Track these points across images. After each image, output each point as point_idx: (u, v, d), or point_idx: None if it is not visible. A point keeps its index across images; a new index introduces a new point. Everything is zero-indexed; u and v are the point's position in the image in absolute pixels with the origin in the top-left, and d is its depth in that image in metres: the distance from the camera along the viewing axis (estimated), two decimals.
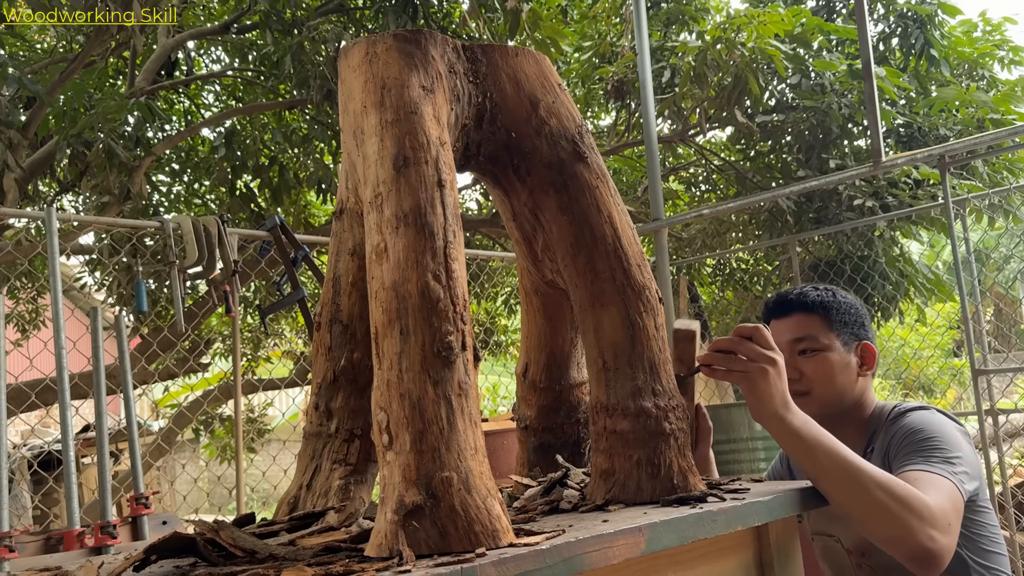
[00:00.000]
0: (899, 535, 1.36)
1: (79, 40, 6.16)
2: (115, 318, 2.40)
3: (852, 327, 1.85)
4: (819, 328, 1.83)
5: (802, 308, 1.85)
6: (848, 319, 1.84)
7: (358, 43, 1.22)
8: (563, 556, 0.93)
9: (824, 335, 1.82)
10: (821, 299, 1.85)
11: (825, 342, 1.82)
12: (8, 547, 1.86)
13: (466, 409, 1.01)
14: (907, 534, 1.35)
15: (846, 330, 1.84)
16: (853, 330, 1.85)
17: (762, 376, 1.41)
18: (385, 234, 1.06)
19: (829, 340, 1.82)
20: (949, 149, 3.68)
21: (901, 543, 1.36)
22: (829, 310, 1.84)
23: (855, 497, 1.36)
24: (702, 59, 5.57)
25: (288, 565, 0.91)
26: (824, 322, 1.83)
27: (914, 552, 1.36)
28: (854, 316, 1.85)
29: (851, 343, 1.84)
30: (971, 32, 6.88)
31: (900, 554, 1.38)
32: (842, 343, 1.83)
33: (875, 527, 1.37)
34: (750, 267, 7.46)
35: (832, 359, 1.81)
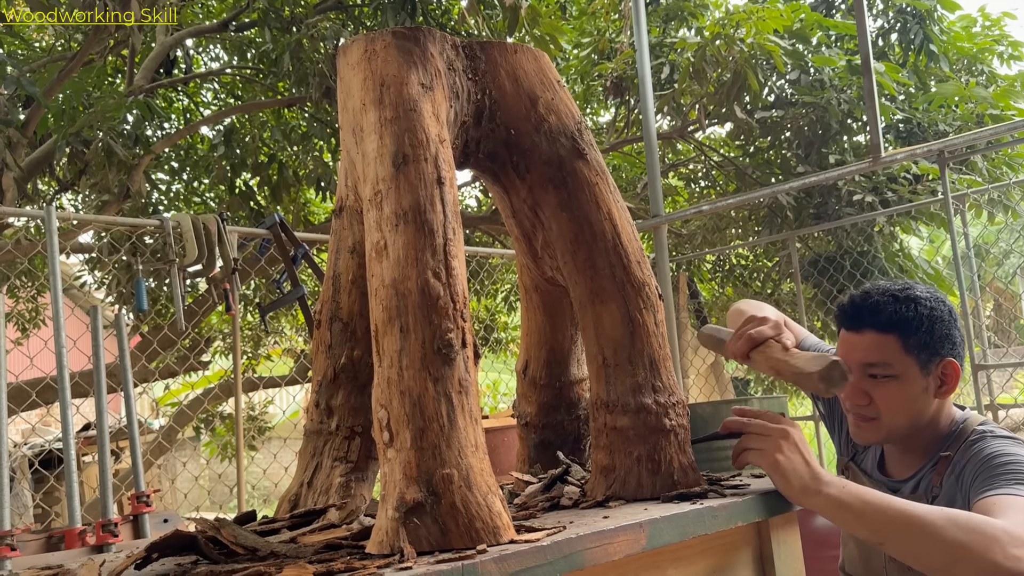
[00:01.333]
0: (984, 568, 1.22)
1: (77, 39, 6.16)
2: (115, 316, 2.40)
3: (934, 345, 1.59)
4: (894, 352, 1.58)
5: (876, 326, 1.60)
6: (930, 338, 1.59)
7: (357, 40, 1.22)
8: (564, 552, 0.93)
9: (899, 360, 1.58)
10: (900, 316, 1.59)
11: (900, 369, 1.58)
12: (10, 545, 1.86)
13: (466, 406, 1.01)
14: (992, 565, 1.22)
15: (926, 351, 1.59)
16: (935, 348, 1.59)
17: (779, 451, 1.29)
18: (385, 232, 1.06)
19: (904, 366, 1.58)
20: (948, 145, 3.68)
21: (961, 564, 1.23)
22: (908, 330, 1.58)
23: (927, 548, 1.24)
24: (701, 55, 5.56)
25: (289, 562, 0.91)
26: (901, 344, 1.58)
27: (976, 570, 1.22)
28: (938, 331, 1.59)
29: (931, 363, 1.60)
30: (970, 27, 6.87)
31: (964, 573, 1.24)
32: (920, 366, 1.59)
33: (960, 570, 1.23)
34: (750, 263, 7.46)
35: (906, 387, 1.59)
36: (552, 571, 0.91)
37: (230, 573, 0.89)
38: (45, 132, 5.10)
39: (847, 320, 1.65)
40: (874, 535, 1.26)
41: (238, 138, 6.07)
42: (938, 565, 1.25)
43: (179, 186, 7.02)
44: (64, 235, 3.57)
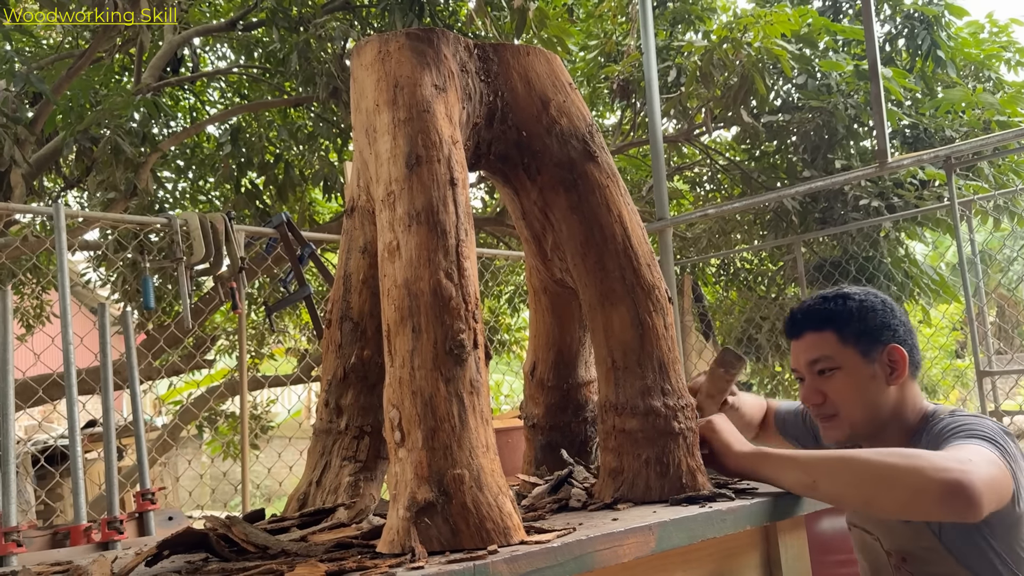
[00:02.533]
0: (918, 486, 1.24)
1: (85, 36, 6.17)
2: (121, 314, 2.41)
3: (872, 333, 1.66)
4: (832, 346, 1.66)
5: (812, 326, 1.69)
6: (866, 326, 1.66)
7: (371, 41, 1.22)
8: (574, 554, 0.93)
9: (838, 352, 1.66)
10: (830, 312, 1.68)
11: (841, 360, 1.65)
12: (16, 541, 1.86)
13: (477, 407, 1.01)
14: (924, 480, 1.24)
15: (864, 339, 1.66)
16: (874, 336, 1.66)
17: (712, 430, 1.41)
18: (397, 232, 1.06)
19: (844, 357, 1.65)
20: (955, 150, 3.68)
21: (921, 491, 1.24)
22: (841, 323, 1.67)
23: (858, 478, 1.28)
24: (708, 59, 5.56)
25: (300, 561, 0.91)
26: (837, 337, 1.66)
27: (939, 491, 1.23)
28: (873, 320, 1.67)
29: (873, 351, 1.65)
30: (978, 34, 6.86)
31: (928, 501, 1.25)
32: (861, 354, 1.65)
33: (894, 492, 1.26)
34: (754, 267, 7.45)
35: (852, 376, 1.65)
36: (562, 572, 0.92)
37: (242, 571, 0.89)
38: (52, 129, 5.11)
39: (789, 330, 1.75)
40: (806, 475, 1.29)
41: (244, 137, 6.08)
42: (869, 492, 1.27)
43: (185, 184, 7.03)
44: (71, 232, 3.58)
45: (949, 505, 1.24)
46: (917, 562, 1.59)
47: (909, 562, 1.61)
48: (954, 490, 1.23)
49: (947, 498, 1.23)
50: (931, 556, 1.56)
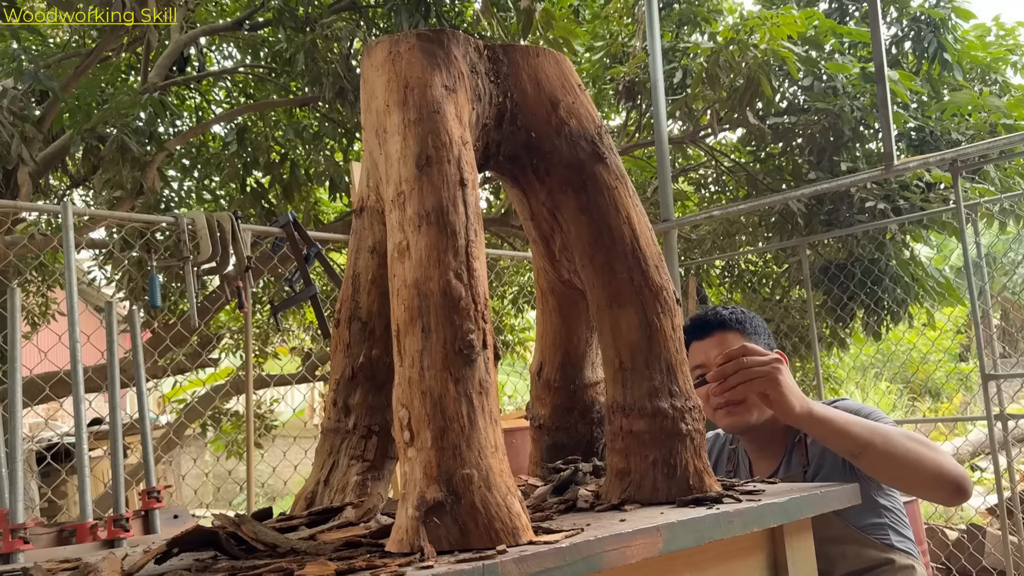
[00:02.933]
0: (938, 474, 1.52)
1: (92, 35, 6.19)
2: (128, 312, 2.42)
3: (764, 337, 1.98)
4: (740, 340, 1.93)
5: (721, 326, 1.97)
6: (759, 330, 1.98)
7: (381, 42, 1.22)
8: (582, 554, 0.93)
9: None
10: (735, 315, 1.99)
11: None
12: (23, 539, 1.87)
13: (486, 407, 1.01)
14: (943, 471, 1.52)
15: (761, 340, 1.96)
16: (765, 340, 1.98)
17: (781, 374, 1.56)
18: (407, 232, 1.07)
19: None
20: (961, 153, 3.68)
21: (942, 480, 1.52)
22: (743, 323, 1.98)
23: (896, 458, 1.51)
24: (714, 60, 5.56)
25: (310, 559, 0.91)
26: (743, 335, 1.95)
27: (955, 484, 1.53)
28: (762, 328, 2.00)
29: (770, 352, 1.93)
30: (984, 36, 6.85)
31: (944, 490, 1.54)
32: (765, 347, 1.91)
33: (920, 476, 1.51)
34: (759, 269, 7.45)
35: None
36: (570, 573, 0.92)
37: (251, 569, 0.89)
38: (59, 128, 5.13)
39: (696, 333, 2.00)
40: (855, 446, 1.54)
41: (250, 137, 6.09)
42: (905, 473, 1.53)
43: (191, 183, 7.05)
44: (77, 230, 3.59)
45: (956, 495, 1.54)
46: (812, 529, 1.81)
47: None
48: (962, 486, 1.54)
49: (957, 490, 1.53)
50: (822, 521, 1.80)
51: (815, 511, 1.29)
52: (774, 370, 1.57)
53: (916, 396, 13.00)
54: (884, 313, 5.87)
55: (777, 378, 1.56)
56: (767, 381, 1.56)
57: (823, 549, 1.77)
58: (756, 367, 1.58)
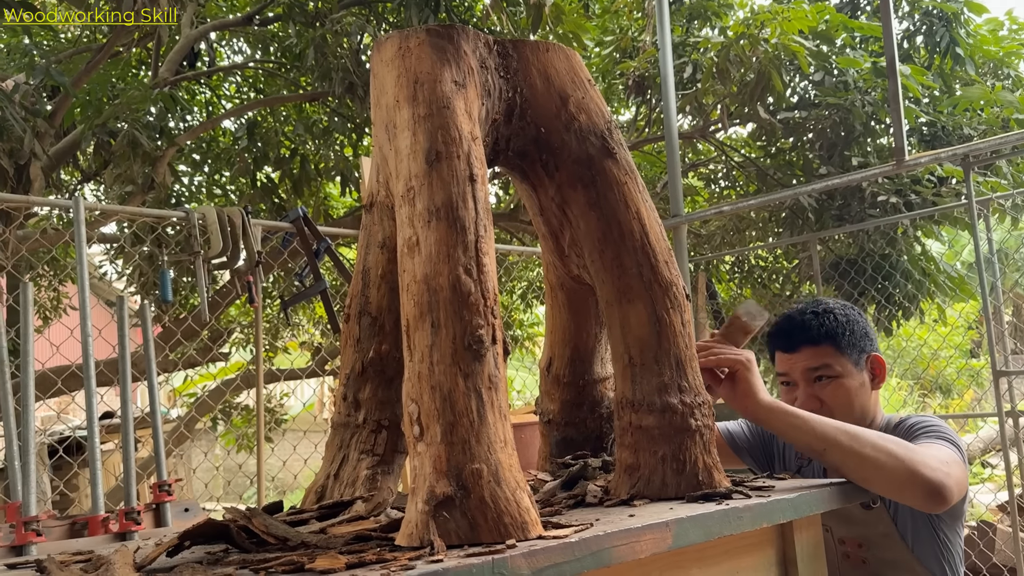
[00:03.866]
0: (910, 476, 1.44)
1: (103, 31, 6.21)
2: (139, 306, 2.43)
3: (860, 344, 1.86)
4: (832, 355, 1.84)
5: (809, 342, 1.85)
6: (855, 338, 1.85)
7: (391, 37, 1.22)
8: (591, 549, 0.93)
9: (837, 362, 1.84)
10: (826, 328, 1.85)
11: (839, 369, 1.83)
12: (36, 531, 1.88)
13: (496, 402, 1.01)
14: (916, 474, 1.44)
15: (855, 350, 1.85)
16: (861, 347, 1.86)
17: (747, 368, 1.54)
18: (417, 228, 1.07)
19: (842, 366, 1.84)
20: (973, 149, 3.65)
21: (912, 482, 1.44)
22: (836, 337, 1.84)
23: (863, 456, 1.44)
24: (725, 55, 5.54)
25: (321, 552, 0.92)
26: (834, 349, 1.84)
27: (926, 487, 1.44)
28: (860, 332, 1.86)
29: (861, 361, 1.86)
30: (997, 31, 6.81)
31: (915, 492, 1.46)
32: (854, 363, 1.85)
33: (887, 476, 1.44)
34: (769, 265, 7.43)
35: (847, 384, 1.83)
36: (579, 567, 0.92)
37: (263, 562, 0.90)
38: (71, 123, 5.15)
39: (782, 344, 1.91)
40: (817, 441, 1.47)
41: (260, 132, 6.10)
42: (873, 471, 1.45)
43: (201, 178, 7.07)
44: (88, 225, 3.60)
45: (930, 499, 1.46)
46: (873, 547, 1.78)
47: (865, 547, 1.80)
48: (936, 489, 1.45)
49: (930, 494, 1.45)
50: (886, 542, 1.76)
51: (824, 507, 1.29)
52: (746, 359, 1.56)
53: (927, 392, 12.95)
54: (895, 309, 5.85)
55: (749, 363, 1.55)
56: (737, 361, 1.55)
57: (880, 569, 1.78)
58: (728, 351, 1.57)
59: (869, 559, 1.80)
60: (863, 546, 1.81)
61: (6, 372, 1.86)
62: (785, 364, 1.89)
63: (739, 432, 2.08)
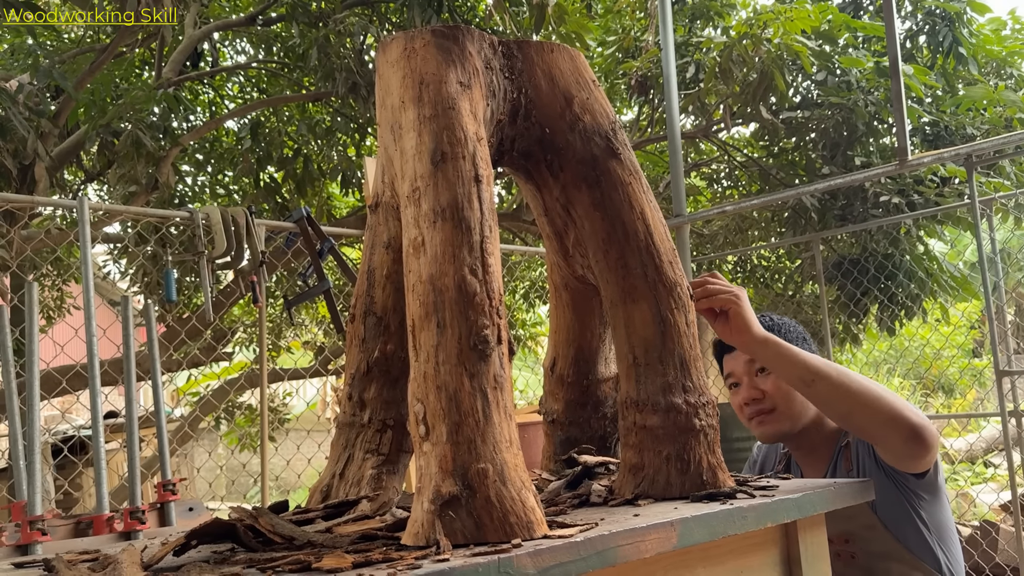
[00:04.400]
0: (893, 415, 1.50)
1: (107, 31, 6.22)
2: (144, 306, 2.44)
3: (798, 344, 1.91)
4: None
5: None
6: (791, 338, 1.91)
7: (396, 38, 1.23)
8: (597, 549, 0.94)
9: None
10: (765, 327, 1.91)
11: None
12: (41, 530, 1.89)
13: (501, 402, 1.02)
14: (899, 413, 1.50)
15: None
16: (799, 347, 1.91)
17: (741, 300, 1.59)
18: (422, 228, 1.07)
19: None
20: (976, 148, 3.65)
21: (896, 422, 1.51)
22: (774, 332, 1.89)
23: (850, 391, 1.51)
24: (727, 55, 5.54)
25: (327, 552, 0.92)
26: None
27: (909, 427, 1.51)
28: (796, 335, 1.94)
29: None
30: (1000, 30, 6.80)
31: (898, 431, 1.52)
32: None
33: (871, 413, 1.51)
34: (772, 264, 7.42)
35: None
36: (585, 567, 0.92)
37: (269, 561, 0.90)
38: (75, 123, 5.16)
39: (724, 346, 1.94)
40: (807, 373, 1.54)
41: (263, 132, 6.11)
42: (857, 407, 1.52)
43: (204, 178, 7.08)
44: (92, 225, 3.61)
45: (911, 440, 1.53)
46: (860, 541, 1.80)
47: (852, 542, 1.82)
48: (919, 432, 1.52)
49: (912, 435, 1.52)
50: (871, 534, 1.78)
51: (828, 507, 1.29)
52: (737, 291, 1.60)
53: (929, 392, 12.94)
54: (898, 308, 5.85)
55: (739, 296, 1.59)
56: (729, 298, 1.59)
57: (870, 562, 1.79)
58: (721, 289, 1.61)
59: (858, 554, 1.80)
60: (849, 541, 1.81)
61: (11, 372, 1.87)
62: (729, 364, 1.94)
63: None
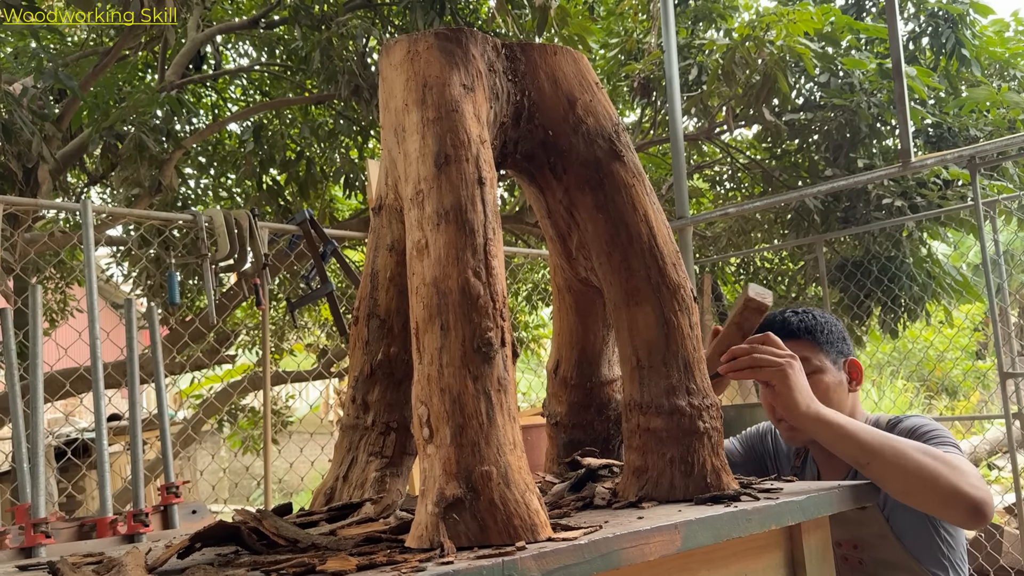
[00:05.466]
0: (953, 492, 1.43)
1: (110, 34, 6.23)
2: (147, 309, 2.44)
3: (837, 345, 1.88)
4: (809, 350, 1.85)
5: (789, 335, 1.85)
6: (833, 338, 1.88)
7: (400, 41, 1.23)
8: (601, 551, 0.94)
9: (815, 357, 1.85)
10: (805, 323, 1.88)
11: (817, 364, 1.85)
12: (45, 533, 1.89)
13: (505, 404, 1.02)
14: (959, 489, 1.44)
15: (833, 349, 1.88)
16: (839, 348, 1.89)
17: (792, 370, 1.51)
18: (426, 231, 1.07)
19: (820, 361, 1.85)
20: (979, 150, 3.65)
21: (956, 498, 1.44)
22: (815, 332, 1.87)
23: (907, 470, 1.44)
24: (730, 57, 5.54)
25: (331, 554, 0.92)
26: (813, 344, 1.87)
27: (970, 505, 1.44)
28: (837, 334, 1.89)
29: (839, 361, 1.88)
30: (1003, 32, 6.79)
31: (960, 510, 1.45)
32: (831, 362, 1.87)
33: (931, 494, 1.44)
34: (775, 266, 7.42)
35: (826, 380, 1.84)
36: (589, 569, 0.92)
37: (273, 564, 0.90)
38: (78, 126, 5.17)
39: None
40: (862, 454, 1.47)
41: (266, 134, 6.12)
42: (915, 488, 1.45)
43: (207, 181, 7.09)
44: (95, 228, 3.62)
45: (972, 517, 1.46)
46: (868, 548, 1.78)
47: (860, 548, 1.80)
48: (980, 508, 1.45)
49: (973, 512, 1.45)
50: (881, 542, 1.76)
51: (832, 509, 1.29)
52: (787, 364, 1.52)
53: (933, 394, 12.92)
54: (901, 311, 5.84)
55: (786, 371, 1.51)
56: (775, 373, 1.51)
57: (876, 569, 1.78)
58: (768, 356, 1.53)
59: (866, 560, 1.80)
60: (858, 547, 1.81)
61: (15, 375, 1.87)
62: None
63: (732, 449, 2.09)
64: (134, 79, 6.53)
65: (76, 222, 5.91)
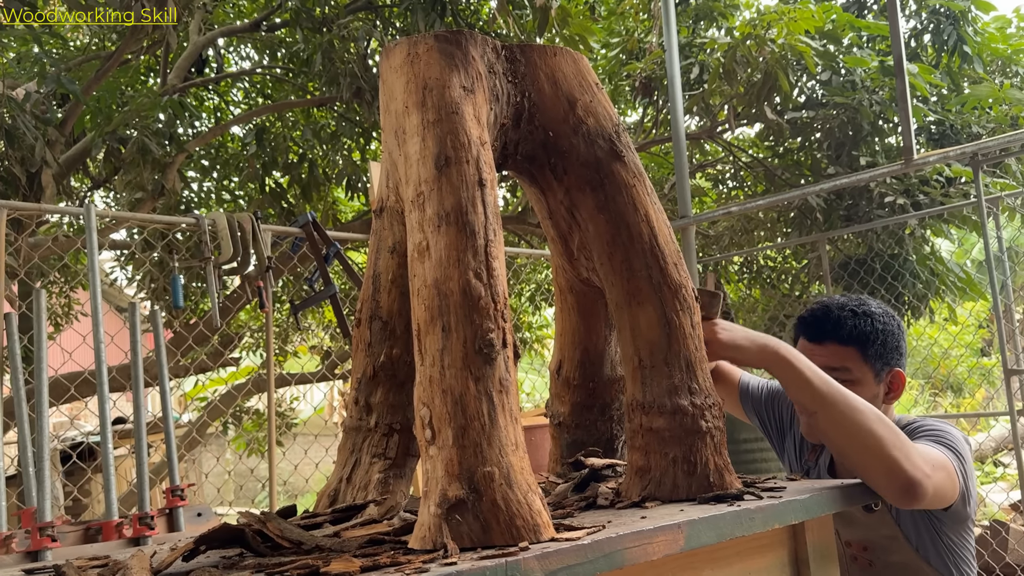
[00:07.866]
0: (891, 464, 1.39)
1: (112, 38, 6.25)
2: (151, 312, 2.44)
3: (886, 356, 1.80)
4: (855, 360, 1.78)
5: (838, 339, 1.78)
6: (884, 349, 1.79)
7: (400, 44, 1.23)
8: (604, 551, 0.94)
9: (858, 368, 1.78)
10: (859, 331, 1.78)
11: (858, 375, 1.77)
12: (51, 536, 1.90)
13: (507, 405, 1.02)
14: (897, 463, 1.39)
15: (880, 361, 1.79)
16: (886, 359, 1.80)
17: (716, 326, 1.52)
18: (427, 232, 1.08)
19: (862, 373, 1.78)
20: (982, 147, 3.64)
21: (892, 472, 1.39)
22: (865, 343, 1.78)
23: (853, 429, 1.41)
24: (732, 55, 5.54)
25: (335, 556, 0.93)
26: (860, 355, 1.78)
27: (900, 480, 1.39)
28: (891, 344, 1.80)
29: (882, 373, 1.80)
30: (1005, 28, 6.78)
31: (888, 483, 1.41)
32: (874, 374, 1.79)
33: (871, 457, 1.40)
34: (778, 265, 7.41)
35: (863, 392, 1.73)
36: (592, 569, 0.92)
37: (278, 566, 0.91)
38: (81, 130, 5.18)
39: (809, 332, 1.83)
40: (812, 401, 1.44)
41: (269, 137, 6.12)
42: (856, 448, 1.42)
43: (210, 184, 7.10)
44: (99, 232, 3.63)
45: (900, 494, 1.41)
46: (878, 550, 1.77)
47: (870, 550, 1.79)
48: (909, 485, 1.40)
49: (901, 488, 1.40)
50: (891, 545, 1.74)
51: (836, 508, 1.29)
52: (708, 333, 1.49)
53: (938, 391, 12.89)
54: (905, 308, 5.83)
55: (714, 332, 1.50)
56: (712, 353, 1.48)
57: (886, 571, 1.78)
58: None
59: (875, 562, 1.79)
60: (868, 549, 1.80)
61: (20, 379, 1.88)
62: (806, 352, 1.79)
63: (755, 388, 2.02)
64: (136, 83, 6.54)
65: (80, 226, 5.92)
